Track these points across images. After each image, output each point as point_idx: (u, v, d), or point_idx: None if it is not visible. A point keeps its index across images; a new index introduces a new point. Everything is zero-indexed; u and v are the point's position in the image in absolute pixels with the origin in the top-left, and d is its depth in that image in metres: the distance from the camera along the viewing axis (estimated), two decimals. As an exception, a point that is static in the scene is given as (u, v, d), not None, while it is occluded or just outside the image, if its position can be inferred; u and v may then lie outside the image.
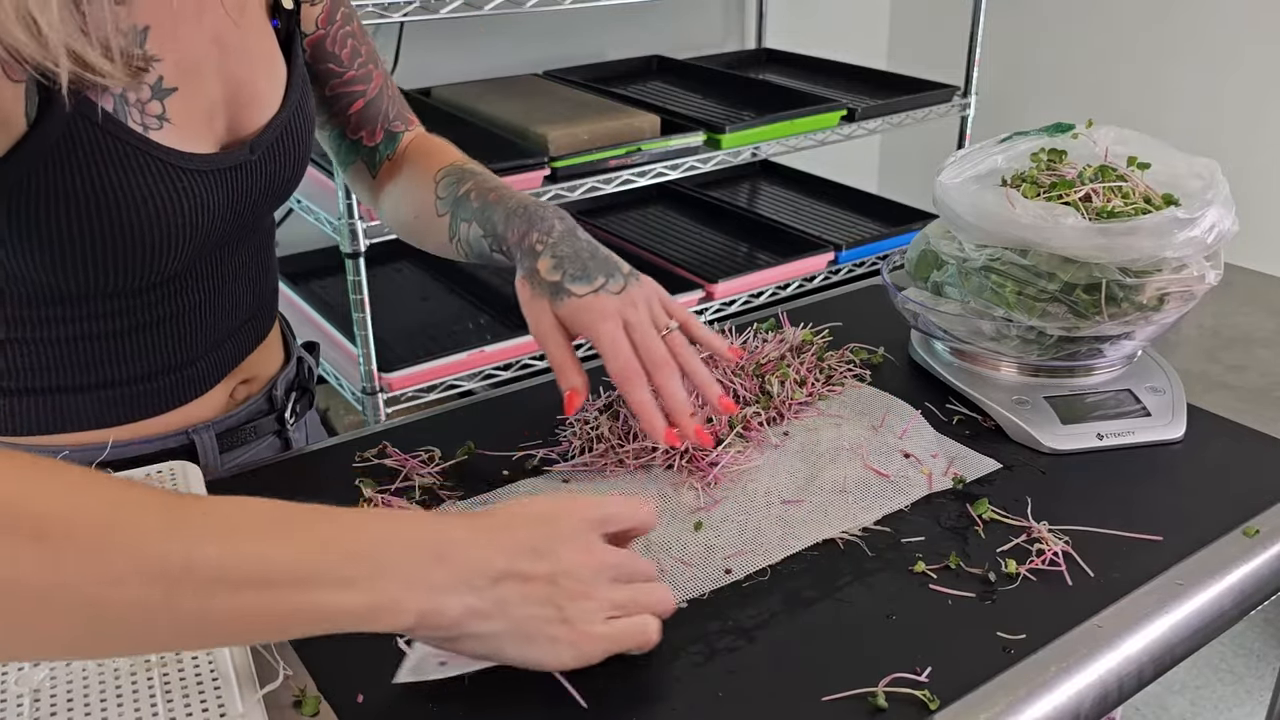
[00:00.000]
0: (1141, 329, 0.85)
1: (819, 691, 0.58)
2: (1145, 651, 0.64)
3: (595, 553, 0.58)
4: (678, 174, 1.80)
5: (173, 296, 0.77)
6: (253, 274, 0.84)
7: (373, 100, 0.92)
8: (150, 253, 0.71)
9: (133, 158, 0.68)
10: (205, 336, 0.81)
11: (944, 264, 0.90)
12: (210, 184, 0.73)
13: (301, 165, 0.83)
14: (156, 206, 0.70)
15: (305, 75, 0.84)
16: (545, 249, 0.78)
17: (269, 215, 0.86)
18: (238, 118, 0.77)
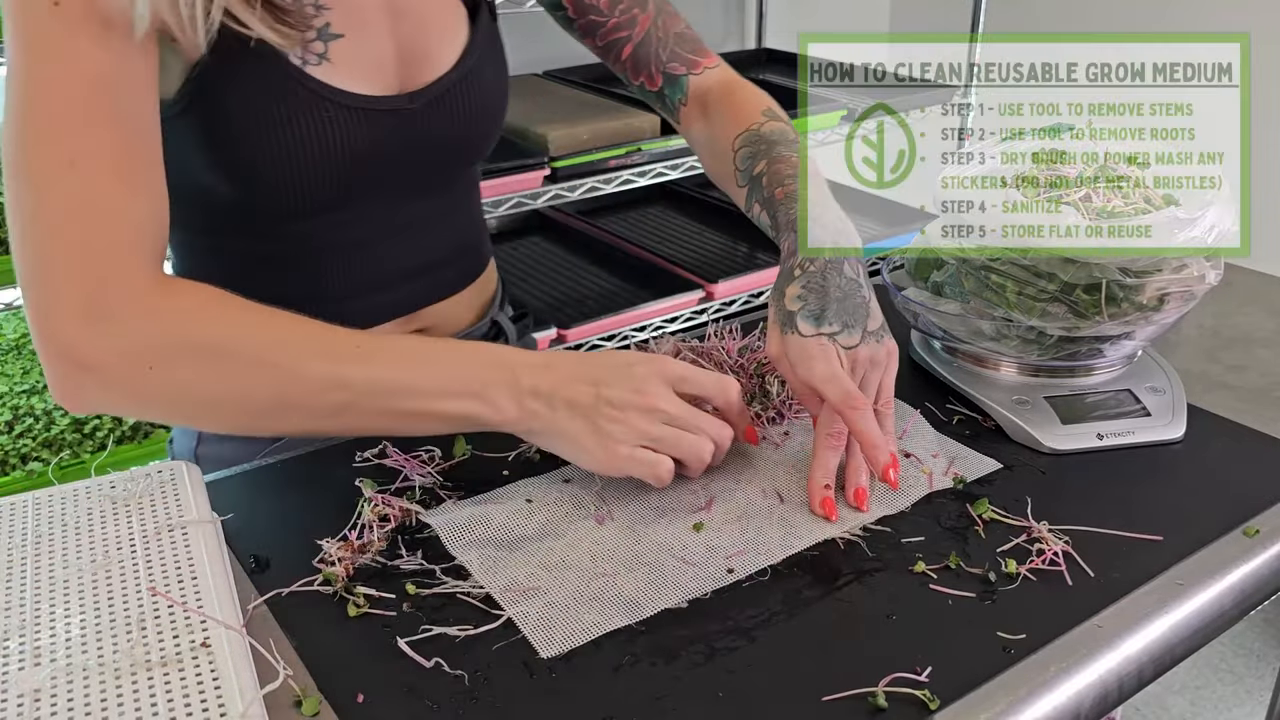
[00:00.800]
0: (1142, 329, 0.85)
1: (819, 691, 0.58)
2: (1145, 651, 0.64)
3: (648, 395, 0.70)
4: (678, 174, 1.80)
5: (343, 228, 0.85)
6: (435, 228, 0.91)
7: (640, 43, 0.94)
8: (302, 176, 0.79)
9: (287, 86, 0.76)
10: (377, 274, 0.88)
11: (944, 264, 0.91)
12: (361, 121, 0.80)
13: (473, 127, 0.88)
14: (304, 133, 0.77)
15: (495, 44, 0.90)
16: (801, 275, 0.78)
17: (447, 174, 0.91)
18: (409, 74, 0.83)
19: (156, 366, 0.65)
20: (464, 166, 0.92)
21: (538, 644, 0.62)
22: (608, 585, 0.66)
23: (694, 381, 0.73)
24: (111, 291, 0.65)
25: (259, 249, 0.85)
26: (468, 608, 0.65)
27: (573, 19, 0.94)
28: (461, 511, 0.73)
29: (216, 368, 0.66)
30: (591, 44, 0.95)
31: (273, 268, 0.85)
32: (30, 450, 1.50)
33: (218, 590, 0.62)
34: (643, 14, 0.94)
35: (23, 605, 0.61)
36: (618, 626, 0.63)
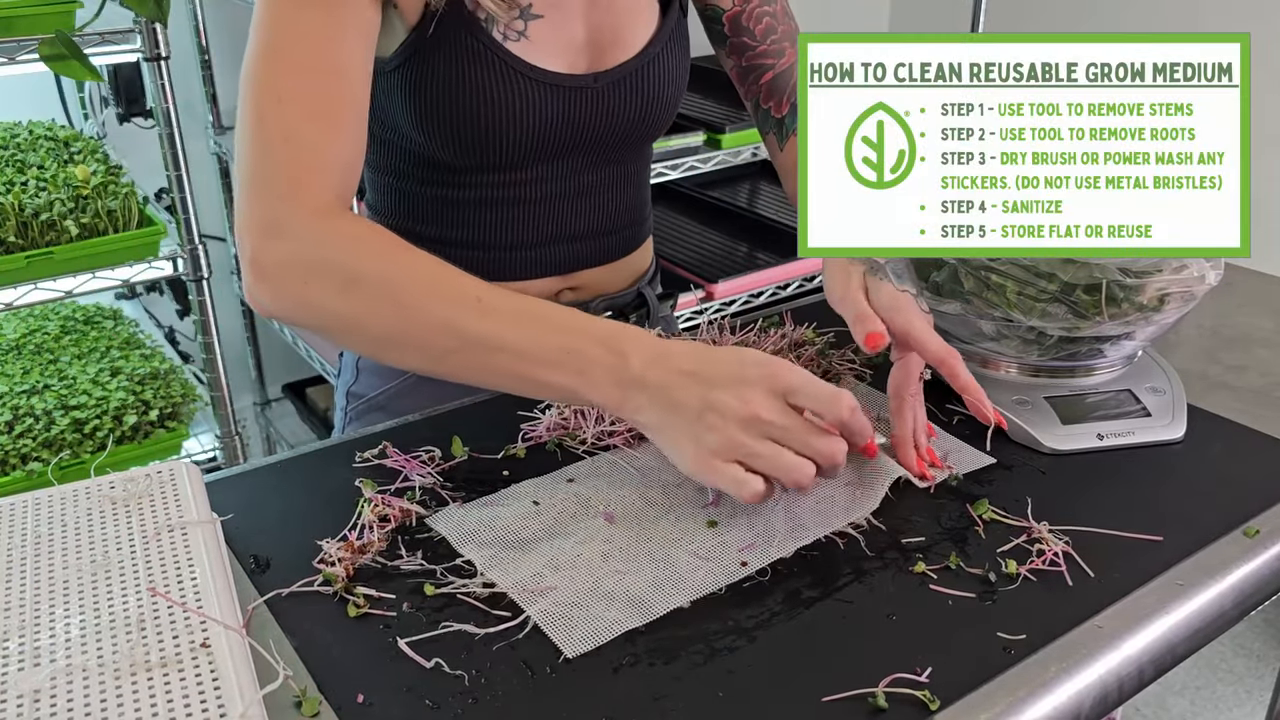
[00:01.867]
0: (1142, 329, 0.85)
1: (819, 692, 0.58)
2: (1145, 652, 0.64)
3: (751, 405, 0.67)
4: (678, 174, 1.80)
5: (522, 187, 0.94)
6: (605, 197, 0.99)
7: (781, 74, 1.02)
8: (491, 139, 0.88)
9: (486, 58, 0.86)
10: (546, 233, 0.97)
11: (944, 264, 0.90)
12: (549, 96, 0.89)
13: (650, 109, 0.95)
14: (498, 101, 0.87)
15: (680, 36, 0.98)
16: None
17: (623, 149, 0.98)
18: (599, 56, 0.92)
19: (310, 282, 0.74)
20: (639, 144, 1.00)
21: (560, 643, 0.62)
22: (622, 583, 0.66)
23: (806, 394, 0.68)
24: (289, 212, 0.75)
25: (446, 195, 0.95)
26: (468, 608, 0.65)
27: (726, 36, 1.03)
28: (469, 515, 0.73)
29: (353, 294, 0.73)
30: (735, 61, 1.04)
31: (454, 213, 0.95)
32: (30, 450, 1.50)
33: (218, 591, 0.62)
34: (790, 49, 1.04)
35: (22, 606, 0.61)
36: (639, 624, 0.63)
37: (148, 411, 1.59)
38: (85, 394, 1.57)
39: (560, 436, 0.83)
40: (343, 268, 0.73)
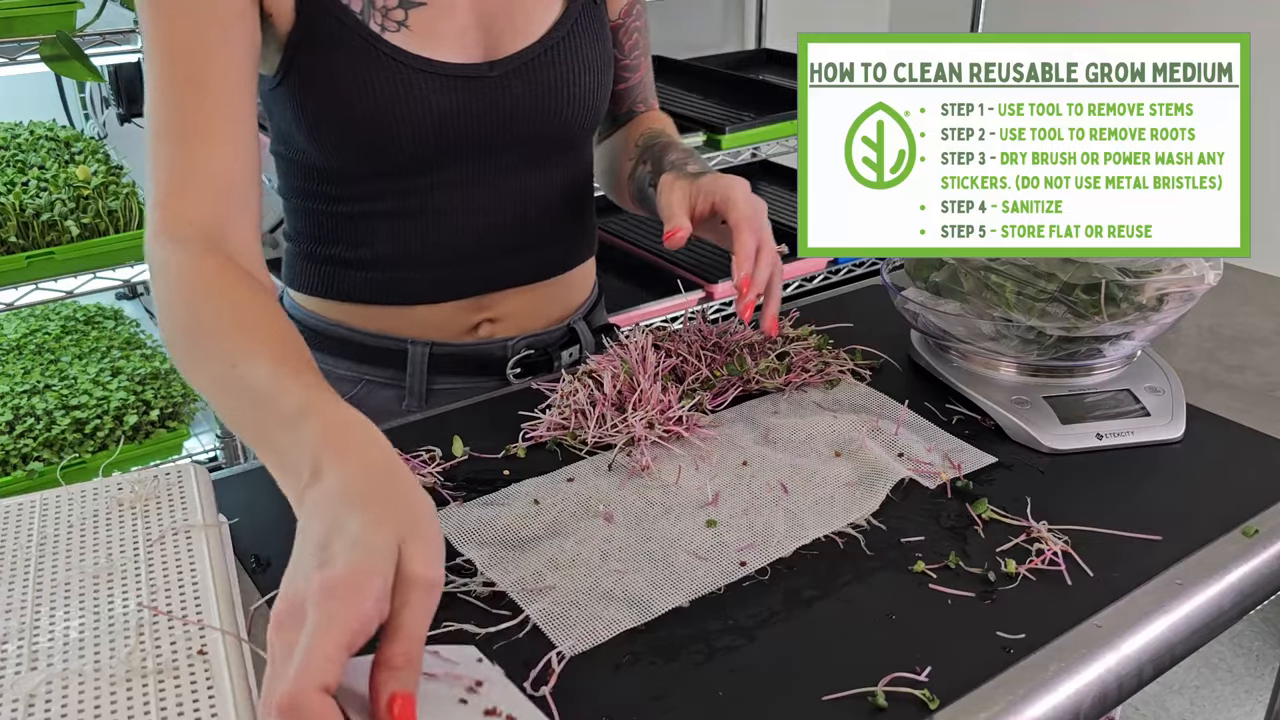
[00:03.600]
0: (1141, 329, 0.85)
1: (819, 691, 0.58)
2: (1144, 651, 0.64)
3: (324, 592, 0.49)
4: (678, 174, 1.79)
5: (426, 192, 0.89)
6: (519, 208, 0.93)
7: (633, 86, 1.05)
8: (386, 138, 0.84)
9: (364, 51, 0.82)
10: (454, 246, 0.92)
11: (943, 264, 0.91)
12: (437, 85, 0.85)
13: (557, 101, 0.90)
14: (385, 96, 0.83)
15: (592, 23, 0.93)
16: (695, 163, 0.93)
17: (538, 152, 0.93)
18: (495, 43, 0.88)
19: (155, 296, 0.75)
20: (558, 143, 0.94)
21: (559, 642, 0.62)
22: (621, 582, 0.66)
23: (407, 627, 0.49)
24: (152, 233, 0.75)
25: (351, 211, 0.91)
26: (468, 608, 0.65)
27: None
28: (469, 514, 0.73)
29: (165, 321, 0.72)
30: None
31: (361, 230, 0.92)
32: (31, 450, 1.50)
33: (220, 596, 0.62)
34: (645, 63, 1.05)
35: (23, 609, 0.61)
36: (638, 624, 0.64)
37: (149, 411, 1.59)
38: (86, 394, 1.57)
39: (560, 436, 0.83)
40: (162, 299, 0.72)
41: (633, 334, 0.93)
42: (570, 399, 0.86)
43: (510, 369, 0.98)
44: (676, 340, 0.93)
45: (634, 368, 0.87)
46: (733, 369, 0.89)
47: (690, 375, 0.89)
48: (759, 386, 0.89)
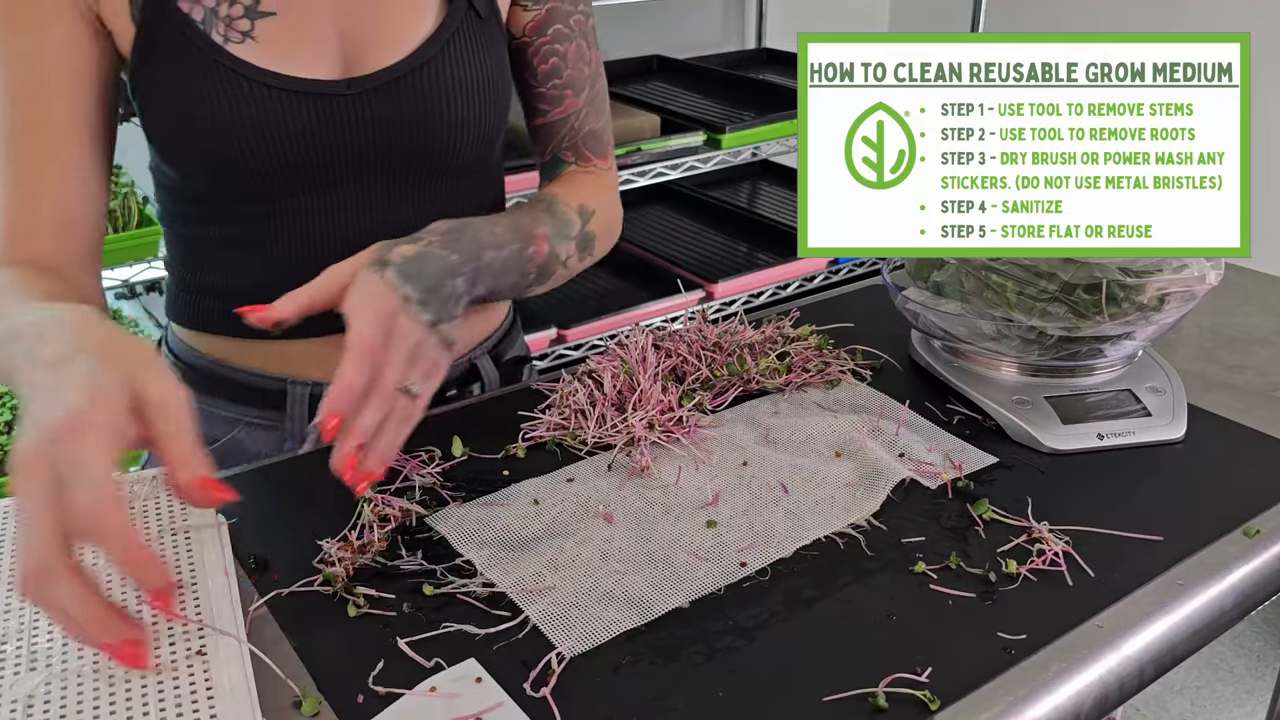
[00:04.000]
0: (1142, 329, 0.85)
1: (819, 691, 0.58)
2: (1146, 652, 0.64)
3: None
4: (678, 174, 1.80)
5: (297, 215, 0.82)
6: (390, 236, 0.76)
7: (553, 124, 0.93)
8: (235, 156, 0.78)
9: (205, 63, 0.76)
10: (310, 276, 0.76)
11: (944, 264, 0.91)
12: (288, 102, 0.78)
13: (428, 123, 0.81)
14: (223, 109, 0.76)
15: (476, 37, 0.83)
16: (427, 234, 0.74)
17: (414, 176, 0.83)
18: (358, 59, 0.80)
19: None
20: (441, 171, 0.85)
21: (559, 643, 0.62)
22: (621, 583, 0.66)
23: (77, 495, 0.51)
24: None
25: (222, 236, 0.84)
26: (468, 608, 0.65)
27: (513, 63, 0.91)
28: (468, 514, 0.73)
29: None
30: (517, 89, 0.93)
31: (235, 257, 0.85)
32: (30, 450, 1.49)
33: (217, 596, 0.62)
34: (573, 98, 0.92)
35: (22, 609, 0.61)
36: (638, 624, 0.63)
37: (148, 412, 1.59)
38: (85, 394, 1.57)
39: (560, 436, 0.83)
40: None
41: (633, 334, 0.93)
42: (570, 399, 0.86)
43: None
44: (676, 340, 0.93)
45: (634, 368, 0.87)
46: (733, 369, 0.89)
47: (690, 375, 0.89)
48: (759, 386, 0.89)
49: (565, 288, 1.97)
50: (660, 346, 0.92)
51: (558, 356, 1.72)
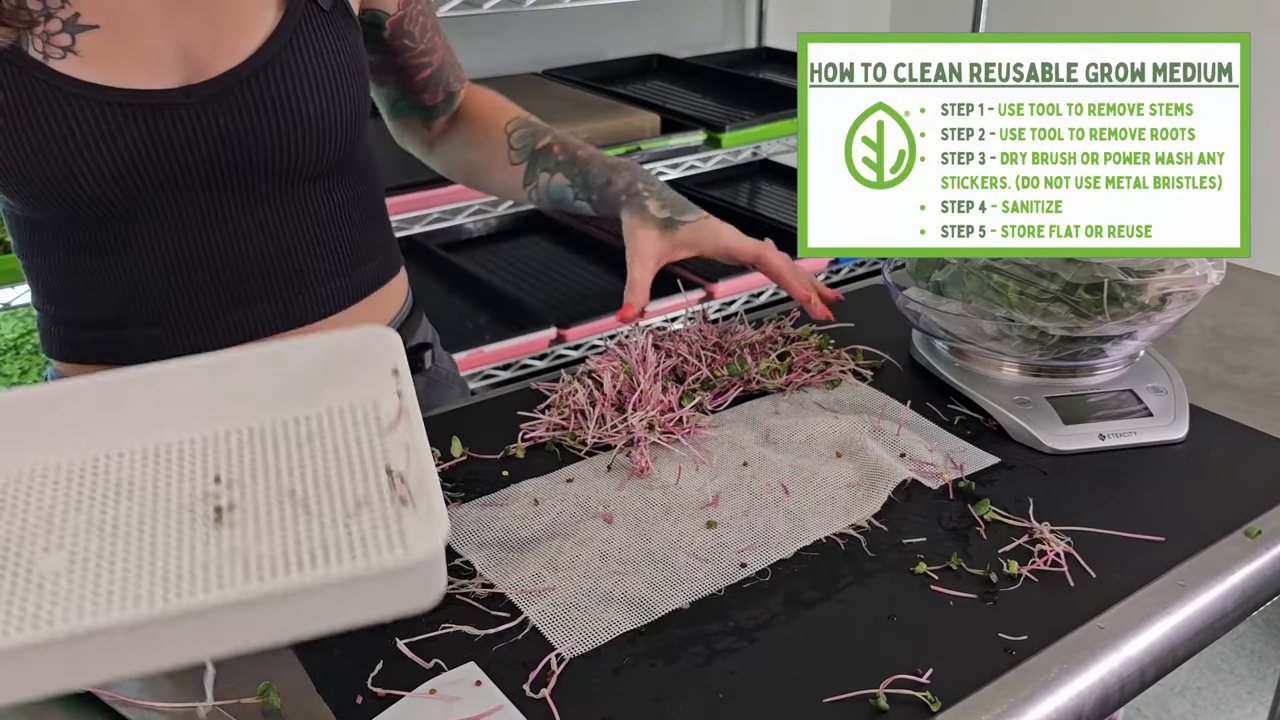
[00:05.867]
0: (1143, 329, 0.85)
1: (820, 693, 0.58)
2: (1147, 652, 0.64)
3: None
4: (678, 173, 1.80)
5: (152, 239, 0.79)
6: (262, 249, 0.82)
7: (438, 69, 0.99)
8: (72, 178, 0.74)
9: (22, 82, 0.72)
10: (206, 294, 0.81)
11: (945, 264, 0.90)
12: (115, 116, 0.74)
13: (276, 126, 0.78)
14: (48, 129, 0.72)
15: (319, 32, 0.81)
16: (651, 194, 0.92)
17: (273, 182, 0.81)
18: (198, 67, 0.76)
19: None
20: (307, 172, 0.82)
21: (559, 644, 0.61)
22: (621, 584, 0.66)
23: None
24: None
25: (77, 266, 0.80)
26: (467, 609, 0.65)
27: (386, 39, 0.93)
28: (468, 515, 0.73)
29: None
30: (386, 61, 0.95)
31: (96, 290, 0.81)
32: (29, 451, 1.49)
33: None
34: (440, 40, 0.99)
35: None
36: (638, 625, 0.63)
37: (147, 412, 1.59)
38: (85, 395, 1.57)
39: (560, 436, 0.83)
40: None
41: (633, 334, 0.92)
42: (570, 399, 0.85)
43: None
44: (677, 340, 0.93)
45: (634, 368, 0.87)
46: (733, 369, 0.89)
47: (690, 375, 0.89)
48: (760, 387, 0.89)
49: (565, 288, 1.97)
50: (660, 346, 0.92)
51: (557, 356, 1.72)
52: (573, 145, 0.97)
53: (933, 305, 0.90)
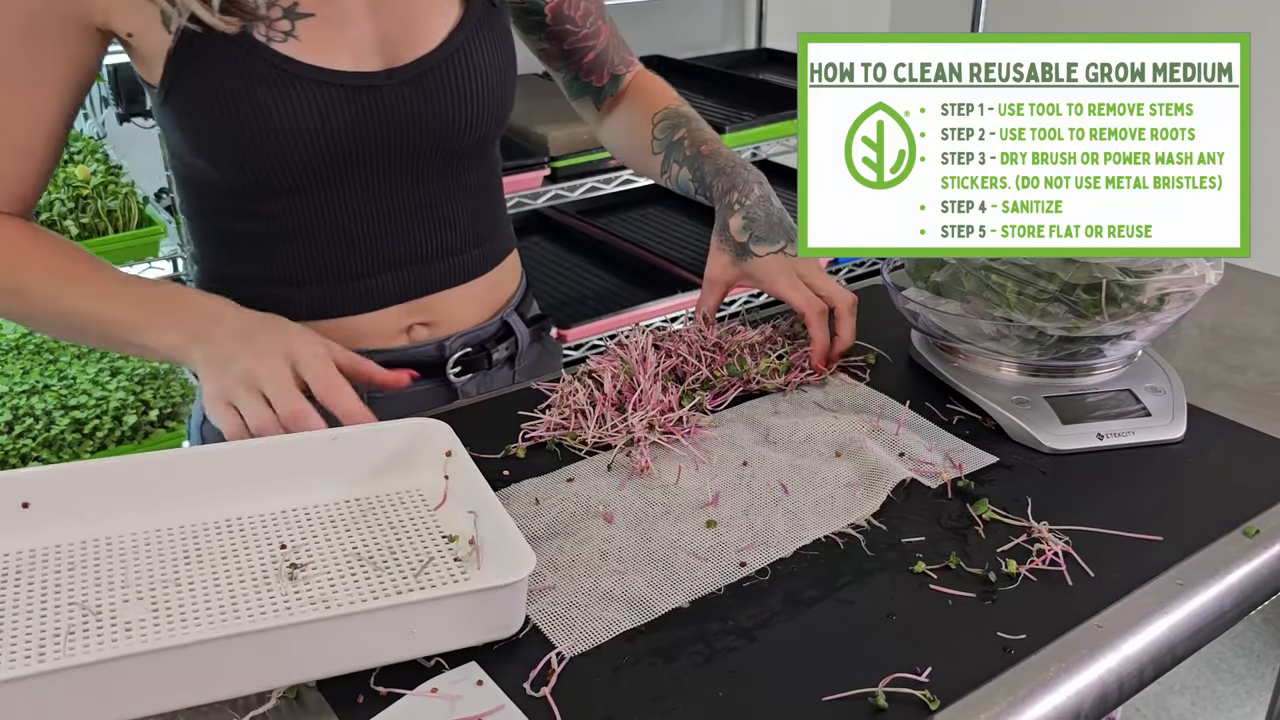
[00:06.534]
0: (1142, 329, 0.85)
1: (819, 691, 0.58)
2: (1145, 651, 0.64)
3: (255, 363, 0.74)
4: (678, 174, 1.79)
5: (338, 208, 0.88)
6: (437, 215, 0.93)
7: (601, 52, 1.06)
8: (279, 151, 0.83)
9: (248, 63, 0.80)
10: (372, 257, 0.91)
11: (944, 264, 0.90)
12: (329, 95, 0.83)
13: (459, 108, 0.89)
14: (272, 107, 0.81)
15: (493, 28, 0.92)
16: (740, 209, 0.95)
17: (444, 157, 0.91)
18: (393, 52, 0.86)
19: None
20: (467, 150, 0.93)
21: (559, 643, 0.62)
22: (621, 583, 0.66)
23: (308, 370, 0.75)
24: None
25: (258, 230, 0.89)
26: (468, 608, 0.65)
27: (547, 25, 1.02)
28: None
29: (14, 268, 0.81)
30: (554, 46, 1.04)
31: (271, 249, 0.90)
32: (30, 450, 1.50)
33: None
34: (605, 24, 1.06)
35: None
36: (638, 624, 0.63)
37: (147, 411, 1.59)
38: (85, 394, 1.57)
39: (560, 436, 0.83)
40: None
41: (632, 334, 0.93)
42: (570, 399, 0.86)
43: (451, 369, 0.97)
44: (677, 340, 0.93)
45: (634, 368, 0.87)
46: (733, 369, 0.89)
47: (690, 375, 0.89)
48: (759, 387, 0.89)
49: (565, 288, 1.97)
50: (660, 347, 0.92)
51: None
52: (700, 139, 1.02)
53: (931, 305, 0.90)
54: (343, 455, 0.73)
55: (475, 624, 0.59)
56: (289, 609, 0.61)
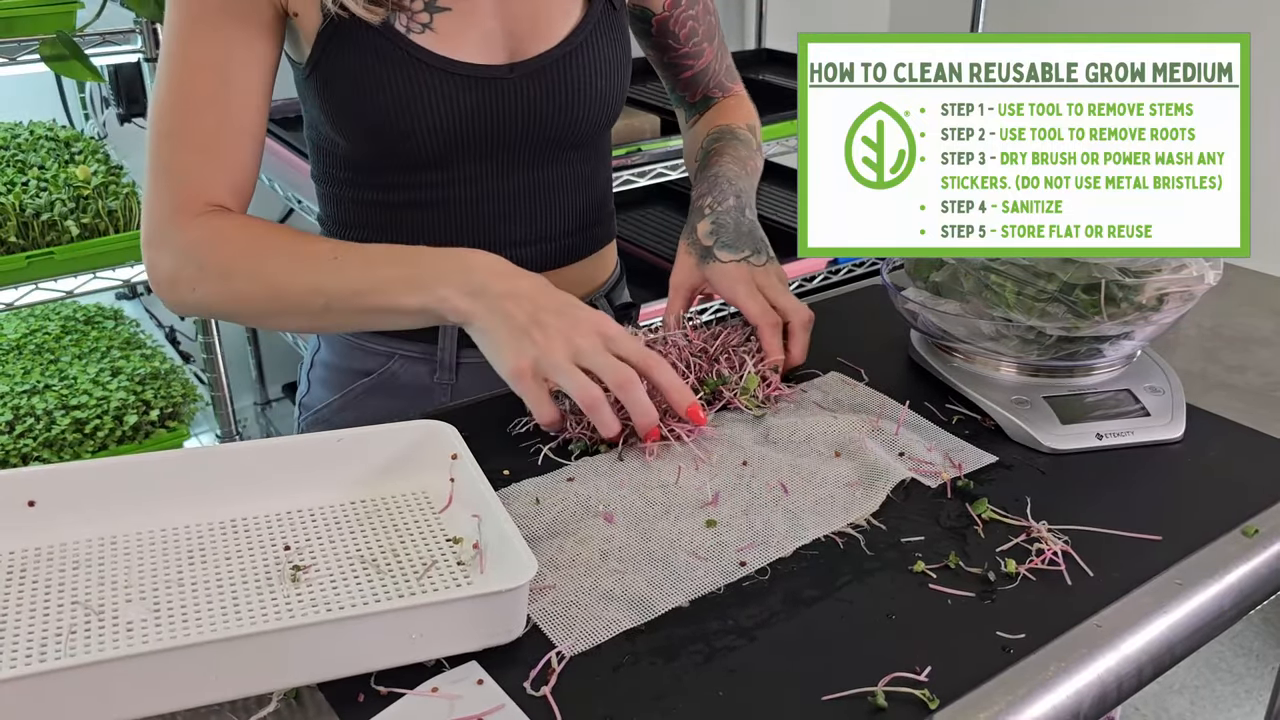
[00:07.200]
0: (1141, 329, 0.85)
1: (819, 691, 0.58)
2: (1144, 651, 0.64)
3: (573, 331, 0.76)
4: (677, 174, 1.80)
5: (450, 185, 0.94)
6: (544, 200, 0.98)
7: (699, 73, 1.11)
8: (408, 133, 0.89)
9: (388, 51, 0.87)
10: (480, 234, 0.96)
11: (943, 264, 0.91)
12: (458, 85, 0.89)
13: (574, 103, 0.94)
14: (406, 93, 0.87)
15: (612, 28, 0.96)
16: (710, 214, 0.96)
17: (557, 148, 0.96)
18: (518, 47, 0.92)
19: (196, 286, 0.85)
20: (578, 141, 0.98)
21: (559, 642, 0.62)
22: (621, 582, 0.66)
23: (623, 345, 0.77)
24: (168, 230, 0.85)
25: (379, 200, 0.95)
26: (468, 607, 0.65)
27: (652, 35, 1.07)
28: (462, 511, 0.73)
29: (230, 284, 0.84)
30: (657, 56, 1.10)
31: (389, 218, 0.96)
32: (31, 450, 1.50)
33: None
34: (709, 48, 1.10)
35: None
36: (638, 624, 0.64)
37: (148, 411, 1.59)
38: (86, 394, 1.57)
39: (561, 436, 0.83)
40: (216, 265, 0.84)
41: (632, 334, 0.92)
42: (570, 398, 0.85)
43: None
44: (667, 346, 0.92)
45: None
46: (711, 384, 0.87)
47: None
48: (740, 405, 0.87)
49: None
50: (654, 346, 0.92)
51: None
52: (715, 154, 1.04)
53: (931, 305, 0.90)
54: (348, 456, 0.73)
55: (477, 628, 0.59)
56: (291, 611, 0.61)
